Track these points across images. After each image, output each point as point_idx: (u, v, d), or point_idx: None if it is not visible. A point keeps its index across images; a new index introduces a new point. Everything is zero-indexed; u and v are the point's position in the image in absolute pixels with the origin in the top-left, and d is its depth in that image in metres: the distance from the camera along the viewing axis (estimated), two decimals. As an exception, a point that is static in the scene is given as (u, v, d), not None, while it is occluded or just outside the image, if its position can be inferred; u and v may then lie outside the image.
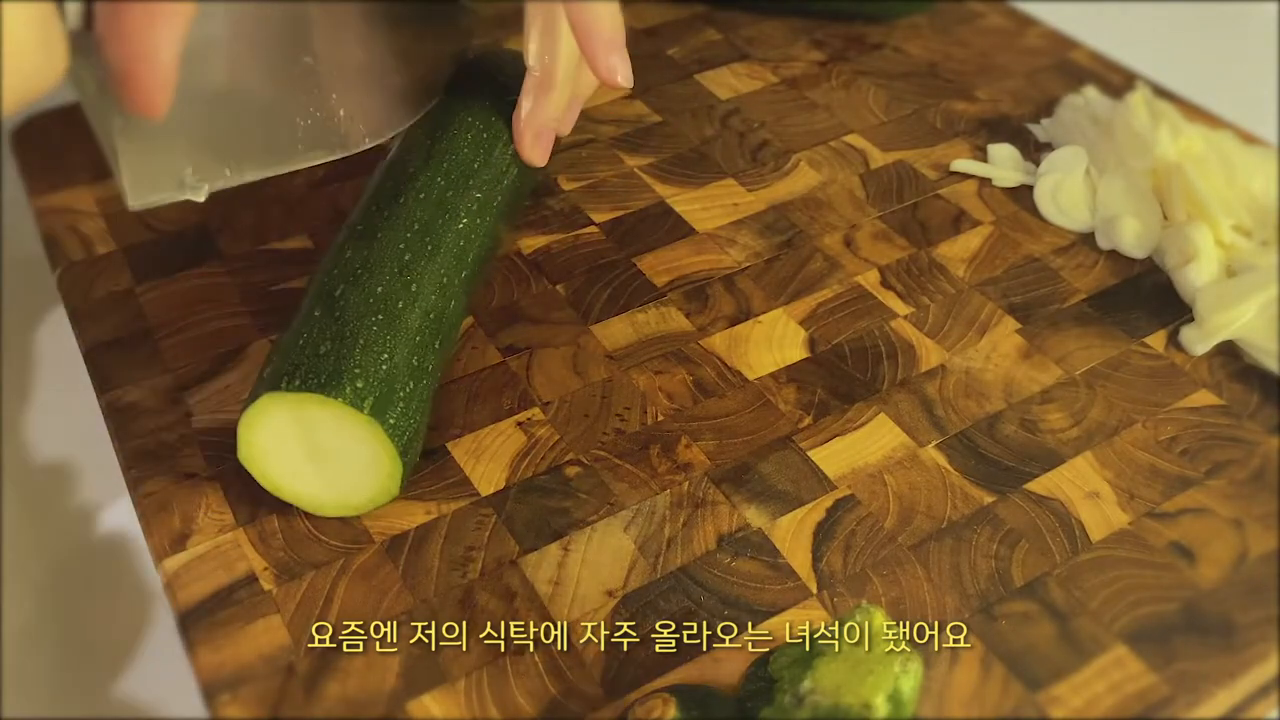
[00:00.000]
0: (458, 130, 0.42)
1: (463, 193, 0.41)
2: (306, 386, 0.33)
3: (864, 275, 0.45)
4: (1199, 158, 0.47)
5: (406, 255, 0.38)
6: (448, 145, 0.42)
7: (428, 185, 0.40)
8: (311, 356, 0.34)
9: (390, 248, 0.38)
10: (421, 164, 0.41)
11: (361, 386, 0.34)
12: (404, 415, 0.35)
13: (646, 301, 0.44)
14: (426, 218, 0.39)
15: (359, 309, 0.36)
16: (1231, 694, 0.32)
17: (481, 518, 0.36)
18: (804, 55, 0.59)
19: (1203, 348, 0.42)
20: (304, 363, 0.34)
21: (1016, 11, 0.62)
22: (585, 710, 0.31)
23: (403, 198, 0.40)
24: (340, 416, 0.34)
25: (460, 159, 0.42)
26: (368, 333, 0.35)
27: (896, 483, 0.37)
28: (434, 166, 0.41)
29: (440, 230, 0.39)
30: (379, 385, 0.34)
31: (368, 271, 0.37)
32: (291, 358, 0.34)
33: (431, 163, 0.41)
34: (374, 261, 0.37)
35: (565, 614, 0.33)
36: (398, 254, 0.38)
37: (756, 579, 0.34)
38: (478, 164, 0.42)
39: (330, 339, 0.35)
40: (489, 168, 0.42)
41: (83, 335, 0.43)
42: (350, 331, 0.35)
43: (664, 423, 0.39)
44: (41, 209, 0.48)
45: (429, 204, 0.40)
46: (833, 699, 0.26)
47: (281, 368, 0.34)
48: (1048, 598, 0.34)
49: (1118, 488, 0.37)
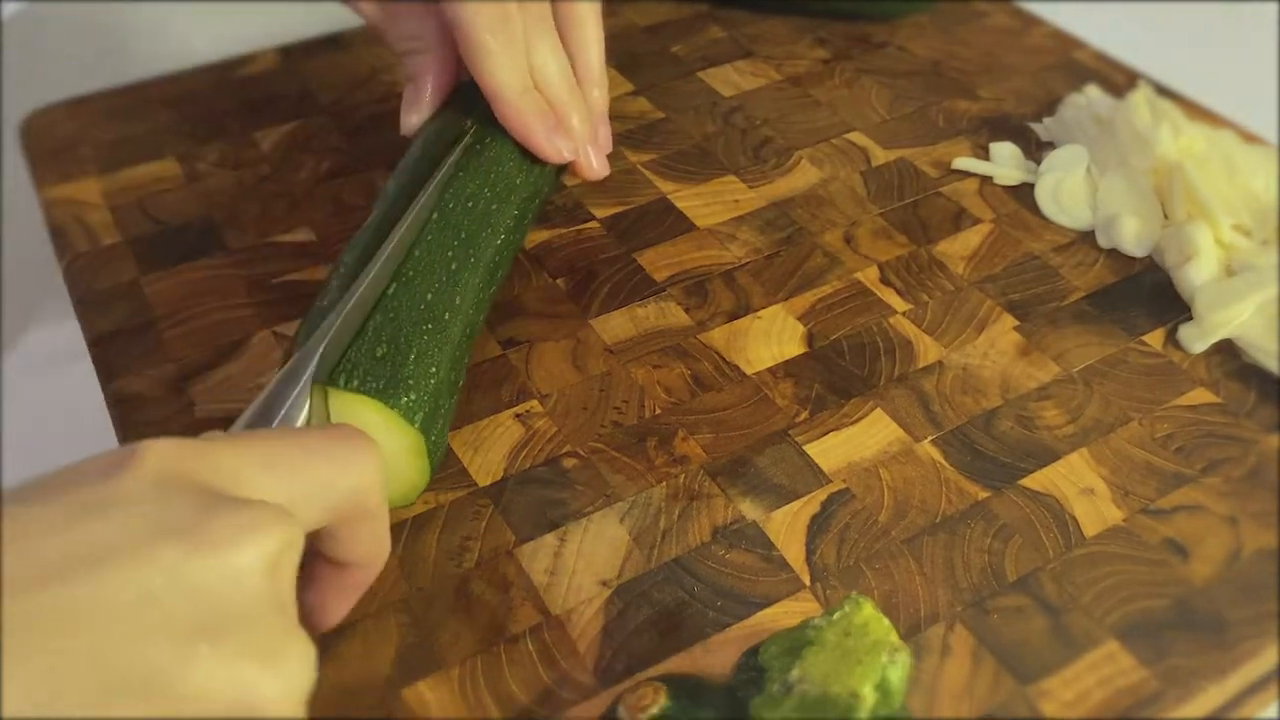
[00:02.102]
0: (504, 138, 0.42)
1: (504, 206, 0.41)
2: (365, 389, 0.33)
3: (863, 272, 0.45)
4: (1200, 157, 0.47)
5: (454, 264, 0.37)
6: (496, 154, 0.41)
7: (475, 195, 0.40)
8: (369, 357, 0.33)
9: (439, 253, 0.37)
10: (467, 169, 0.40)
11: (415, 399, 0.33)
12: (441, 432, 0.35)
13: (646, 296, 0.44)
14: (472, 228, 0.39)
15: (411, 314, 0.35)
16: (1222, 690, 0.32)
17: (479, 508, 0.36)
18: (807, 53, 0.59)
19: (1201, 346, 0.42)
20: (362, 363, 0.33)
21: (1021, 11, 0.63)
22: (578, 699, 0.31)
23: (451, 202, 0.39)
24: (389, 425, 0.33)
25: (505, 171, 0.41)
26: (420, 342, 0.35)
27: (891, 477, 0.37)
28: (480, 175, 0.40)
29: (482, 243, 0.39)
30: (428, 400, 0.34)
31: (419, 275, 0.36)
32: (348, 354, 0.33)
33: (479, 171, 0.40)
34: (425, 265, 0.37)
35: (560, 604, 0.34)
36: (446, 261, 0.37)
37: (750, 571, 0.35)
38: (519, 179, 0.42)
39: (386, 342, 0.34)
40: (528, 184, 0.42)
41: (88, 325, 0.43)
42: (405, 338, 0.34)
43: (661, 416, 0.39)
44: (48, 200, 0.49)
45: (474, 215, 0.39)
46: (820, 688, 0.27)
47: (337, 362, 0.33)
48: (1040, 592, 0.34)
49: (1113, 484, 0.37)
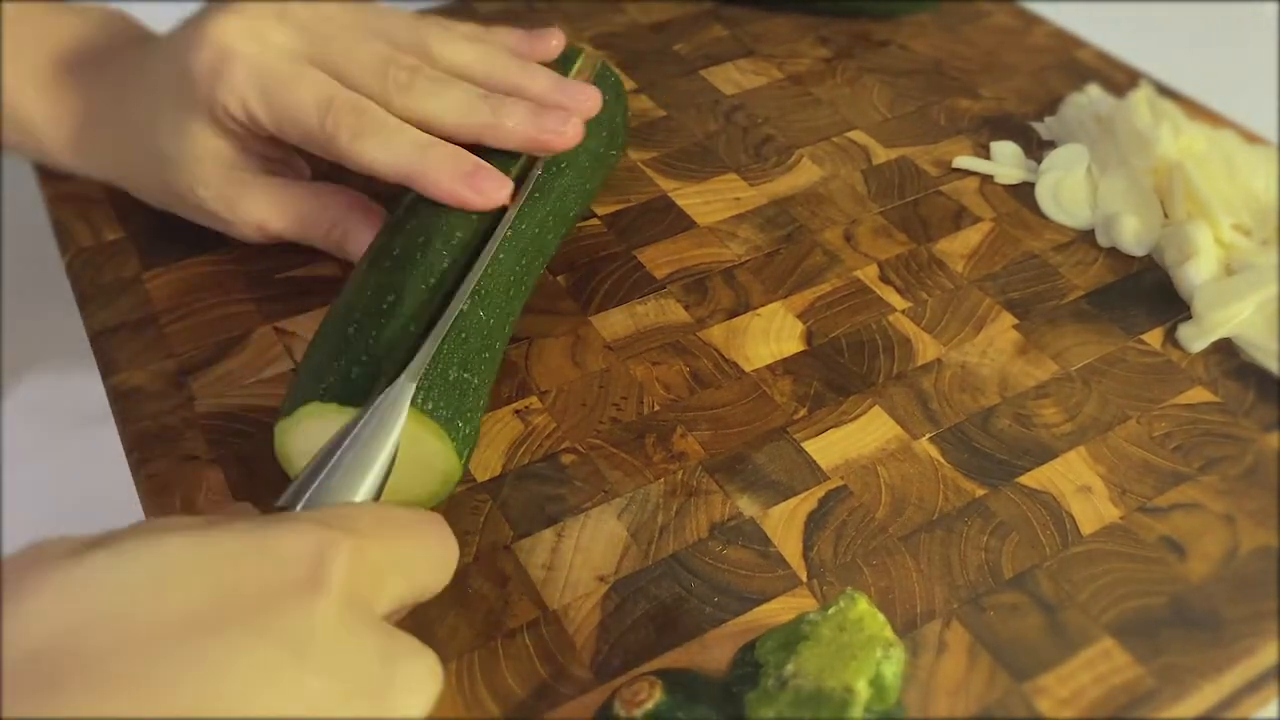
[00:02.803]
0: (573, 167, 0.42)
1: (555, 237, 0.41)
2: (437, 416, 0.32)
3: (863, 270, 0.45)
4: (1200, 156, 0.47)
5: (511, 290, 0.37)
6: (564, 182, 0.41)
7: (540, 221, 0.40)
8: (442, 379, 0.33)
9: (504, 276, 0.37)
10: (543, 190, 0.40)
11: (469, 433, 0.33)
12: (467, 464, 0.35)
13: (646, 293, 0.44)
14: (531, 254, 0.39)
15: (477, 339, 0.35)
16: (1218, 688, 0.32)
17: (477, 503, 0.37)
18: (809, 52, 0.59)
19: (1200, 345, 0.42)
20: (437, 384, 0.33)
21: (1023, 10, 0.63)
22: (574, 693, 0.32)
23: (522, 222, 0.39)
24: (439, 453, 0.33)
25: (567, 203, 0.42)
26: (480, 370, 0.35)
27: (889, 474, 0.37)
28: (542, 205, 0.40)
29: (533, 271, 0.39)
30: (473, 435, 0.34)
31: (488, 297, 0.36)
32: (428, 372, 0.32)
33: (550, 196, 0.40)
34: (493, 287, 0.36)
35: (557, 598, 0.34)
36: (507, 284, 0.37)
37: (747, 567, 0.35)
38: (573, 212, 0.42)
39: (458, 365, 0.34)
40: (578, 216, 0.43)
41: (90, 320, 0.43)
42: (471, 363, 0.34)
43: (660, 413, 0.39)
44: (52, 196, 0.49)
45: (534, 240, 0.39)
46: (815, 683, 0.27)
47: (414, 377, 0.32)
48: (1036, 590, 0.34)
49: (1110, 482, 0.37)
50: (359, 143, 0.38)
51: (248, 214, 0.42)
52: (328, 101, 0.38)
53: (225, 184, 0.41)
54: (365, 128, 0.38)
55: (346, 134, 0.38)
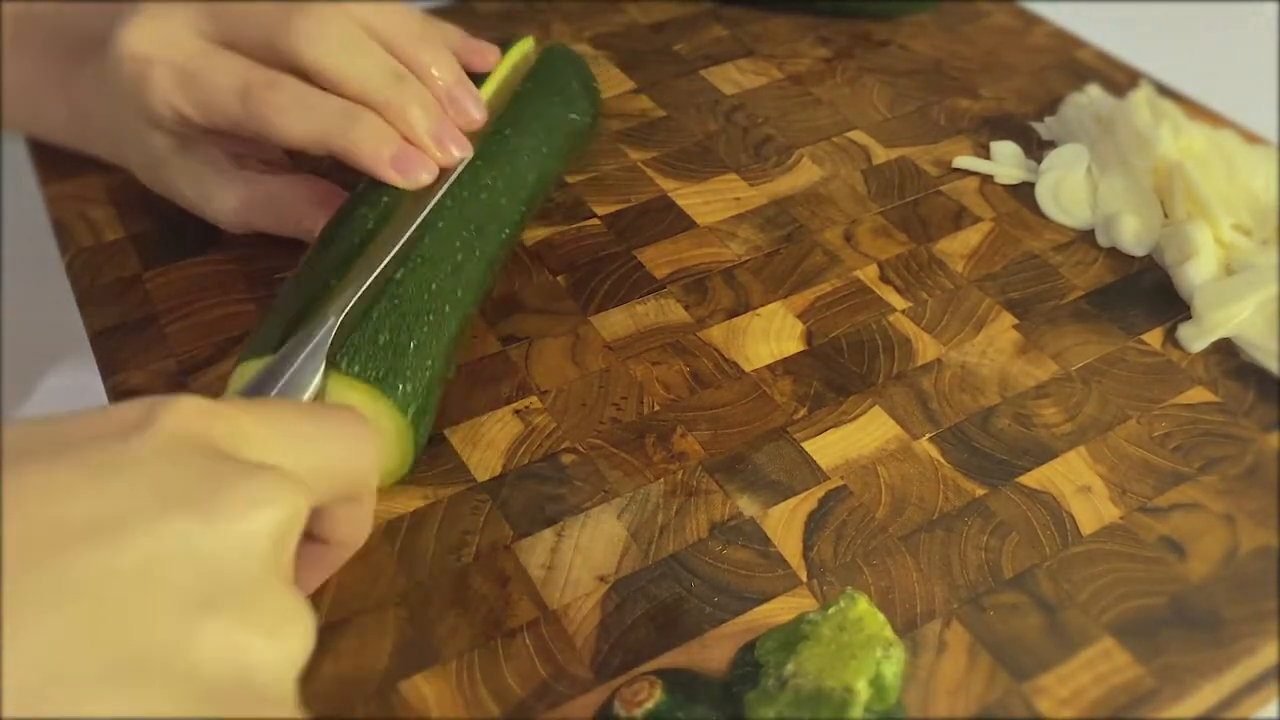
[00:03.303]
0: (523, 132, 0.42)
1: (513, 201, 0.40)
2: (365, 376, 0.32)
3: (863, 270, 0.45)
4: (1200, 156, 0.47)
5: (460, 255, 0.37)
6: (514, 145, 0.41)
7: (488, 186, 0.39)
8: (372, 343, 0.33)
9: (448, 243, 0.37)
10: (486, 157, 0.40)
11: (410, 390, 0.33)
12: (427, 424, 0.35)
13: (646, 293, 0.44)
14: (481, 220, 0.38)
15: (415, 304, 0.35)
16: (1218, 688, 0.32)
17: (477, 503, 0.37)
18: (809, 52, 0.59)
19: (1200, 345, 0.42)
20: (364, 348, 0.33)
21: (1023, 10, 0.63)
22: (574, 693, 0.32)
23: (465, 189, 0.38)
24: (382, 412, 0.33)
25: (519, 166, 0.41)
26: (421, 333, 0.35)
27: (889, 474, 0.37)
28: (498, 166, 0.40)
29: (489, 236, 0.39)
30: (421, 393, 0.34)
31: (426, 264, 0.36)
32: (352, 338, 0.33)
33: (496, 162, 0.40)
34: (433, 254, 0.36)
35: (557, 598, 0.34)
36: (453, 251, 0.37)
37: (747, 567, 0.35)
38: (531, 176, 0.42)
39: (389, 330, 0.34)
40: (540, 181, 0.42)
41: (90, 320, 0.43)
42: (407, 326, 0.34)
43: (660, 412, 0.40)
44: (52, 196, 0.49)
45: (485, 206, 0.39)
46: (814, 682, 0.27)
47: (340, 344, 0.32)
48: (1036, 589, 0.34)
49: (1110, 482, 0.37)
50: (281, 118, 0.37)
51: (223, 205, 0.43)
52: (244, 85, 0.37)
53: (198, 179, 0.42)
54: (285, 103, 0.37)
55: (270, 111, 0.37)
